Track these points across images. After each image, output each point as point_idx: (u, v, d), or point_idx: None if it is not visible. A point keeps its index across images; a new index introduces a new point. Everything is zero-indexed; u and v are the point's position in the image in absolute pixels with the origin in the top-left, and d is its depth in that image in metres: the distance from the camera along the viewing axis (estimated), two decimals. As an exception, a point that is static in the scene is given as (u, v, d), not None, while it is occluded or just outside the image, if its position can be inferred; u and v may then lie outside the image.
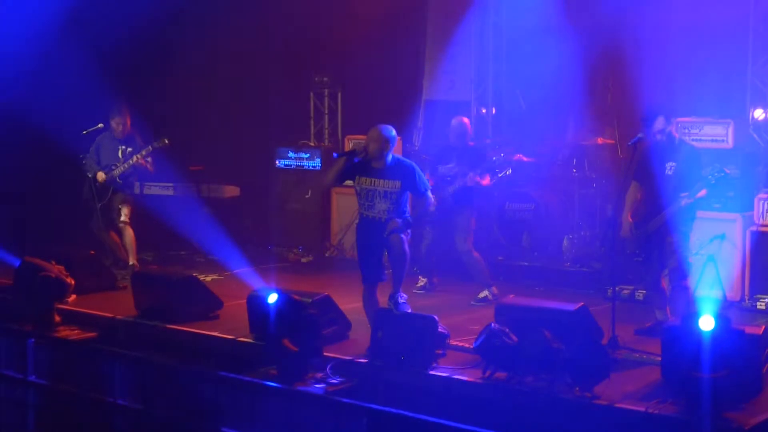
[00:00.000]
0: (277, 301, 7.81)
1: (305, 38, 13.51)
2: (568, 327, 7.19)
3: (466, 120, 10.45)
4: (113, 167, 11.04)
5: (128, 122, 11.11)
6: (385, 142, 8.46)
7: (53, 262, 9.60)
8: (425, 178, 8.78)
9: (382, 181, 8.49)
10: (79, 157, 11.22)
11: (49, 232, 11.88)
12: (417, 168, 8.62)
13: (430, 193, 8.74)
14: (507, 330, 7.14)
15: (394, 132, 8.58)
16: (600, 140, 11.80)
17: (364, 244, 8.64)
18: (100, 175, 11.02)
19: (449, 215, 9.98)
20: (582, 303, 7.68)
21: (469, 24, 12.99)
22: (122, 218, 11.10)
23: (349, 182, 9.85)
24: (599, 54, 11.48)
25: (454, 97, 13.36)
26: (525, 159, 11.85)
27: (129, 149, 11.09)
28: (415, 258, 9.63)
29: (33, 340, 9.02)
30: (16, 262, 9.80)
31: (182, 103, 13.16)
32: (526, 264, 11.26)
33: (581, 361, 6.74)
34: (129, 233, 11.15)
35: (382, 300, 8.59)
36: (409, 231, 8.59)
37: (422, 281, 10.60)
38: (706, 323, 6.45)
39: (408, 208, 8.66)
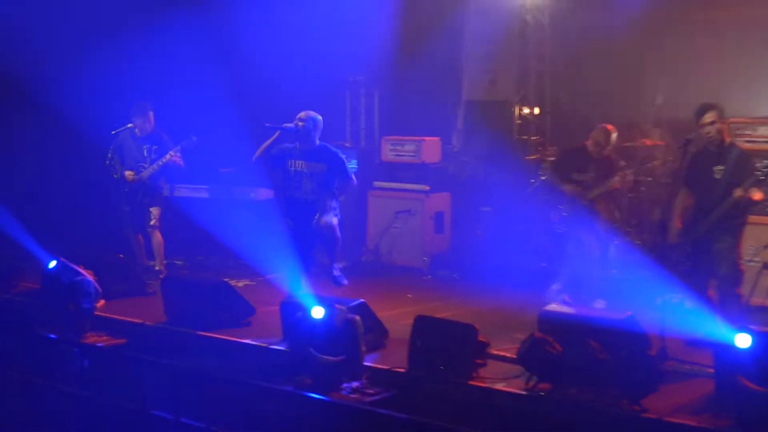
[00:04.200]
0: (313, 307, 7.79)
1: (342, 36, 13.50)
2: (615, 336, 7.12)
3: (610, 128, 10.07)
4: (141, 168, 11.00)
5: (152, 119, 11.00)
6: (314, 121, 9.43)
7: (81, 267, 9.64)
8: (346, 166, 9.62)
9: (309, 163, 9.33)
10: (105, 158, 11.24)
11: (77, 235, 11.94)
12: (343, 157, 9.56)
13: (353, 175, 9.66)
14: (551, 339, 7.08)
15: (320, 117, 9.53)
16: (648, 142, 11.69)
17: (294, 226, 9.41)
18: (129, 174, 10.92)
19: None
20: (629, 311, 7.59)
21: (510, 21, 12.94)
22: (152, 222, 11.04)
23: (383, 183, 9.93)
24: (648, 48, 11.42)
25: (495, 96, 13.32)
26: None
27: (155, 147, 10.96)
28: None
29: (61, 346, 9.05)
30: (44, 266, 9.85)
31: (211, 102, 13.18)
32: (569, 270, 11.16)
33: (629, 372, 6.69)
34: (157, 237, 11.11)
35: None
36: (337, 213, 9.39)
37: None
38: (743, 340, 6.34)
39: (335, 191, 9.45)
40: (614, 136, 9.97)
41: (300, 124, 9.48)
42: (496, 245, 11.56)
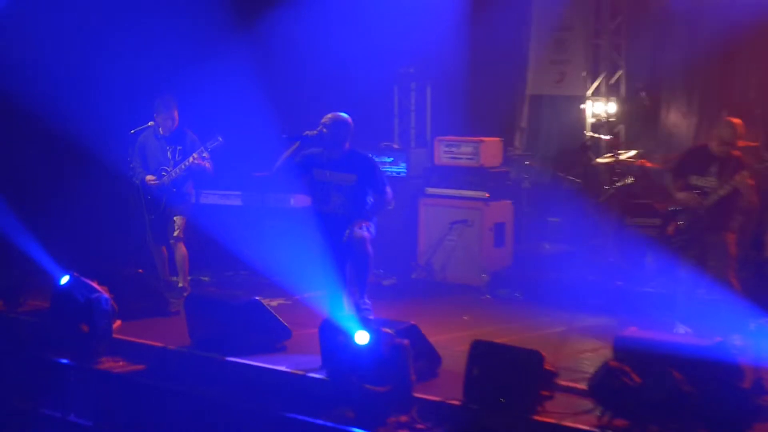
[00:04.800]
0: (356, 331, 7.88)
1: (388, 21, 13.57)
2: (701, 366, 7.09)
3: (737, 121, 9.82)
4: (163, 173, 11.13)
5: (176, 116, 11.12)
6: (342, 126, 9.26)
7: (95, 282, 9.78)
8: (384, 175, 9.44)
9: (336, 173, 9.17)
10: (127, 161, 11.36)
11: (91, 247, 12.09)
12: (375, 162, 9.29)
13: (389, 189, 9.33)
14: (627, 369, 7.08)
15: (349, 119, 9.30)
16: (740, 142, 11.62)
17: (326, 242, 9.31)
18: (150, 178, 11.06)
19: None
20: (719, 337, 7.58)
21: (582, 6, 12.97)
22: (175, 232, 11.17)
23: (436, 190, 9.92)
24: (738, 40, 11.40)
25: (564, 91, 13.34)
26: (649, 165, 11.76)
27: (179, 148, 11.09)
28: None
29: (73, 373, 9.19)
30: (55, 282, 9.99)
31: (243, 97, 13.30)
32: (650, 290, 11.14)
33: (718, 407, 6.67)
34: (181, 250, 11.25)
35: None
36: (372, 227, 9.17)
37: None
38: None
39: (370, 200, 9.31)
40: (741, 129, 9.67)
41: (324, 130, 9.44)
42: (564, 261, 11.57)
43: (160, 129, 11.13)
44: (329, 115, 9.48)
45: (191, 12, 12.43)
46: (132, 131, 11.18)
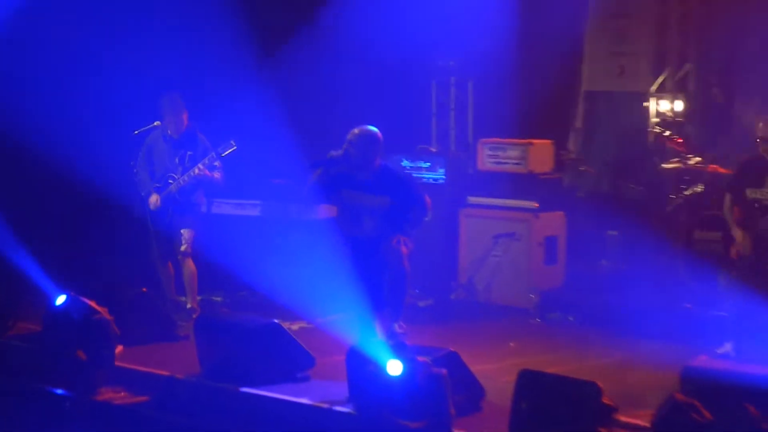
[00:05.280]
0: (388, 360, 7.84)
1: (425, 8, 13.55)
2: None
3: None
4: (170, 180, 11.14)
5: (185, 118, 11.14)
6: (371, 141, 9.28)
7: (94, 303, 9.77)
8: (420, 189, 9.54)
9: (367, 196, 9.29)
10: (130, 166, 11.37)
11: (89, 263, 12.13)
12: (410, 178, 9.57)
13: (427, 198, 9.49)
14: (697, 404, 7.02)
15: (378, 132, 9.38)
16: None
17: (357, 269, 9.38)
18: (153, 200, 11.14)
19: None
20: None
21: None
22: (183, 247, 11.19)
23: (479, 199, 9.86)
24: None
25: (625, 86, 13.28)
26: (722, 171, 11.66)
27: (189, 153, 11.10)
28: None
29: (69, 404, 9.18)
30: (50, 302, 10.00)
31: (262, 97, 13.34)
32: (722, 314, 11.03)
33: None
34: (190, 267, 11.29)
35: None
36: (409, 241, 9.25)
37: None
38: None
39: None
40: None
41: (350, 149, 9.42)
42: (624, 280, 11.49)
43: (169, 130, 11.14)
44: (355, 130, 9.49)
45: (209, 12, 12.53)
46: (135, 132, 11.19)
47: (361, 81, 13.31)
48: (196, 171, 11.00)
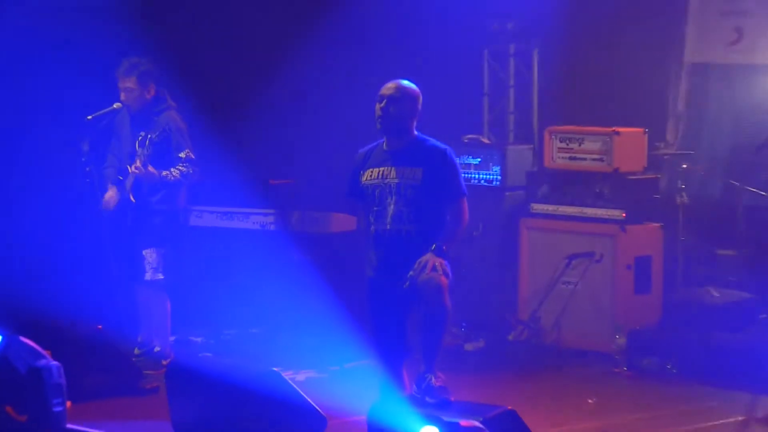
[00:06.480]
0: (418, 421, 7.82)
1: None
2: None
3: None
4: (120, 177, 11.14)
5: (151, 89, 11.17)
6: (408, 97, 9.25)
7: (32, 343, 9.79)
8: (462, 176, 9.38)
9: (400, 169, 9.14)
10: (81, 161, 11.35)
11: (30, 292, 12.15)
12: (452, 154, 9.26)
13: (464, 203, 9.28)
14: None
15: (418, 90, 9.33)
16: None
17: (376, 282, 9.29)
18: (107, 197, 11.18)
19: None
20: None
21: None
22: (147, 274, 11.17)
23: (547, 207, 9.76)
24: None
25: (743, 57, 13.24)
26: None
27: (149, 136, 10.95)
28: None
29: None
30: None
31: (259, 81, 13.44)
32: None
33: None
34: (158, 299, 11.32)
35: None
36: (448, 266, 9.01)
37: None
38: None
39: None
40: None
41: (384, 105, 9.34)
42: (742, 315, 11.46)
43: (122, 98, 11.21)
44: (391, 84, 9.38)
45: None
46: (89, 117, 11.15)
47: (397, 49, 13.34)
48: (133, 168, 10.90)
